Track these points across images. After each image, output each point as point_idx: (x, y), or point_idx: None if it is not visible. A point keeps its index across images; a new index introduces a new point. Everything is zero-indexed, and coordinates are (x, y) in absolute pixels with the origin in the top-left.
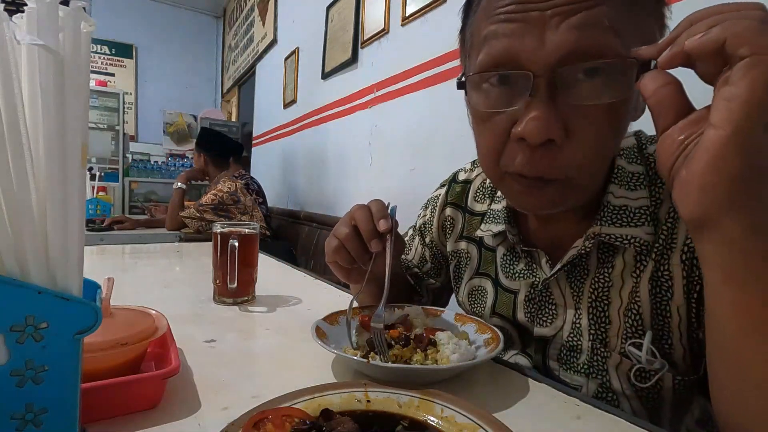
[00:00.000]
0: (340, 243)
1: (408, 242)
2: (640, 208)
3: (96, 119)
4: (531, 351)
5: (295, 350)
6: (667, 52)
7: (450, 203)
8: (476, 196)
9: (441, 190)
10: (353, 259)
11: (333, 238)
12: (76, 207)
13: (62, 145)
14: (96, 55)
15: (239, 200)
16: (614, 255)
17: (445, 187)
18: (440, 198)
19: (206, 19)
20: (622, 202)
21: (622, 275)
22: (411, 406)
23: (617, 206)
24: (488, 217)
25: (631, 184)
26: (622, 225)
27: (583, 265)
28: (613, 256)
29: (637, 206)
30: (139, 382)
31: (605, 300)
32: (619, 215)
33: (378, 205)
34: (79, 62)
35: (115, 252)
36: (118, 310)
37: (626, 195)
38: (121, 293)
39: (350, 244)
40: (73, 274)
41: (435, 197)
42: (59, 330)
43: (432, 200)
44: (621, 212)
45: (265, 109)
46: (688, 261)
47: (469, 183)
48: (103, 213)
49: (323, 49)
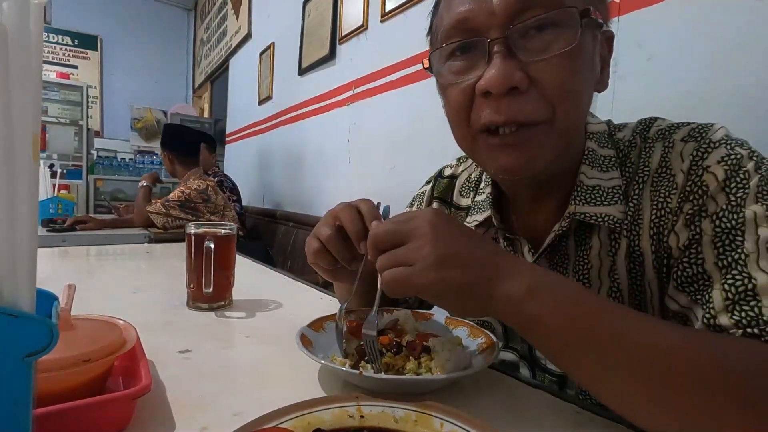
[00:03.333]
0: (321, 245)
1: None
2: (612, 188)
3: (57, 113)
4: (516, 344)
5: (278, 360)
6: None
7: (436, 198)
8: (462, 191)
9: (426, 187)
10: (336, 261)
11: (314, 239)
12: (25, 207)
13: (7, 135)
14: (57, 46)
15: (209, 199)
16: (590, 235)
17: (431, 182)
18: (426, 194)
19: (176, 11)
20: (595, 183)
21: (599, 255)
22: (408, 420)
23: (590, 186)
24: (473, 209)
25: (603, 166)
26: (596, 204)
27: (563, 250)
28: (590, 237)
29: (609, 186)
30: (104, 404)
31: (587, 284)
32: (593, 194)
33: (368, 206)
34: (27, 37)
35: (79, 254)
36: (81, 322)
37: (598, 176)
38: (84, 301)
39: (334, 246)
40: (23, 286)
41: (421, 193)
42: (6, 352)
43: (418, 197)
44: (594, 192)
45: (239, 105)
46: (656, 236)
47: (455, 178)
48: (66, 212)
49: (300, 45)
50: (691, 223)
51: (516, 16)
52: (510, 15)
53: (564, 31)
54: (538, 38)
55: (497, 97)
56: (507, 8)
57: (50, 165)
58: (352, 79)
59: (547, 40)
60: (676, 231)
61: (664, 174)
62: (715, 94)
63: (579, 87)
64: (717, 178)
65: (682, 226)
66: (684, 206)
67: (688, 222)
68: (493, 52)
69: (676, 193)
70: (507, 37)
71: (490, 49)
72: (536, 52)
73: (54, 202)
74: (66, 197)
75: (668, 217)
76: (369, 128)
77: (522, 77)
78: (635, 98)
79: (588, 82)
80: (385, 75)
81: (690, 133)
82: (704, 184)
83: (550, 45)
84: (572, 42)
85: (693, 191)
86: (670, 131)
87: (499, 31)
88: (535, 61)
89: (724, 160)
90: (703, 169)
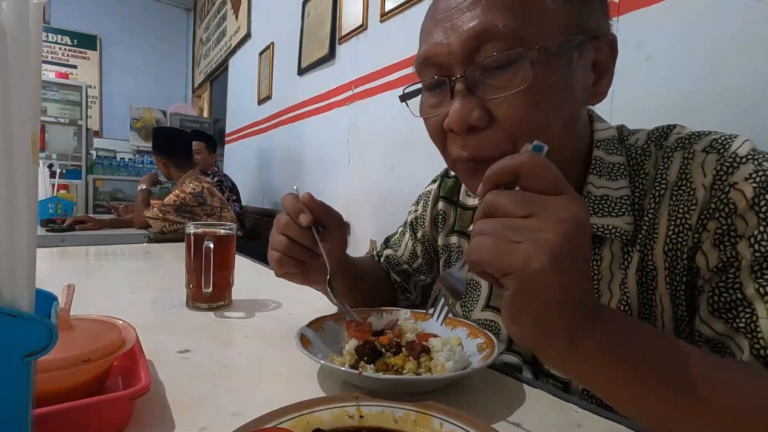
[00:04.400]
0: (281, 254)
1: (398, 239)
2: (620, 198)
3: (56, 113)
4: (520, 348)
5: (277, 360)
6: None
7: (442, 197)
8: (468, 191)
9: (432, 186)
10: (303, 262)
11: (273, 252)
12: (25, 207)
13: (7, 135)
14: (57, 45)
15: (205, 201)
16: (601, 247)
17: (437, 182)
18: (432, 192)
19: (176, 11)
20: (603, 192)
21: (610, 267)
22: (407, 420)
23: (598, 196)
24: None
25: (612, 174)
26: (603, 215)
27: None
28: (600, 248)
29: (617, 196)
30: (103, 404)
31: (596, 293)
32: (601, 205)
33: (290, 202)
34: (26, 37)
35: (78, 254)
36: (80, 322)
37: (607, 185)
38: (83, 301)
39: (290, 248)
40: (22, 286)
41: (427, 192)
42: (5, 352)
43: (424, 195)
44: (602, 202)
45: (238, 105)
46: (671, 252)
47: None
48: (65, 212)
49: (299, 45)
50: (721, 243)
51: (473, 53)
52: (466, 53)
53: (519, 68)
54: (496, 75)
55: (460, 134)
56: (463, 47)
57: (49, 165)
58: (351, 79)
59: (504, 78)
60: (705, 251)
61: (684, 187)
62: (715, 94)
63: (543, 120)
64: (745, 196)
65: (711, 246)
66: (708, 224)
67: (718, 242)
68: (455, 90)
69: (696, 209)
70: (465, 77)
71: (452, 87)
72: (494, 90)
73: (53, 202)
74: (65, 197)
75: (687, 233)
76: (368, 128)
77: (479, 116)
78: (634, 98)
79: (560, 108)
80: (385, 75)
81: (712, 144)
82: (731, 201)
83: (507, 82)
84: (527, 80)
85: (719, 209)
86: (690, 141)
87: (460, 69)
88: (493, 99)
89: (752, 176)
90: (729, 185)
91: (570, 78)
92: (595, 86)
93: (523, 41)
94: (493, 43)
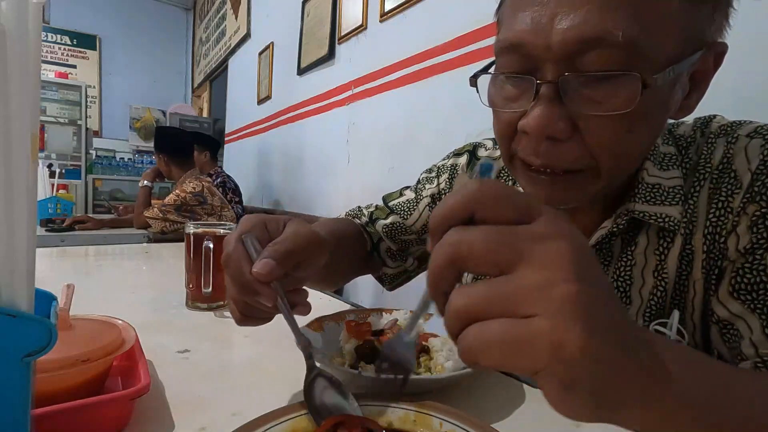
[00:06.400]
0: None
1: (407, 206)
2: (673, 187)
3: (56, 113)
4: None
5: (276, 360)
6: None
7: None
8: (499, 178)
9: (460, 159)
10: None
11: (231, 304)
12: (24, 207)
13: (6, 135)
14: (56, 45)
15: (205, 201)
16: (638, 233)
17: (465, 157)
18: (460, 167)
19: (175, 10)
20: (655, 181)
21: (645, 253)
22: (407, 420)
23: (651, 184)
24: None
25: (664, 164)
26: (655, 203)
27: (608, 248)
28: (637, 235)
29: (670, 186)
30: (102, 404)
31: (628, 280)
32: (653, 193)
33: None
34: (25, 35)
35: (77, 254)
36: (79, 322)
37: (658, 174)
38: (83, 301)
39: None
40: (21, 286)
41: (452, 165)
42: (4, 352)
43: (448, 168)
44: (654, 190)
45: (238, 104)
46: (711, 236)
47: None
48: (64, 212)
49: (299, 45)
50: (755, 225)
51: (573, 56)
52: (566, 55)
53: (624, 86)
54: (593, 88)
55: (536, 139)
56: (564, 46)
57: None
58: (351, 78)
59: (603, 93)
60: (738, 232)
61: (726, 171)
62: (714, 94)
63: (632, 147)
64: None
65: (745, 228)
66: (748, 207)
67: (752, 225)
68: (541, 92)
69: (740, 193)
70: (556, 82)
71: (537, 88)
72: (588, 104)
73: (53, 202)
74: (65, 197)
75: (728, 216)
76: (368, 128)
77: (564, 128)
78: None
79: (653, 133)
80: (385, 75)
81: (757, 130)
82: None
83: (605, 99)
84: (631, 104)
85: (761, 192)
86: (733, 127)
87: (551, 71)
88: (583, 114)
89: None
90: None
91: (671, 99)
92: (686, 99)
93: (638, 54)
94: (601, 51)
